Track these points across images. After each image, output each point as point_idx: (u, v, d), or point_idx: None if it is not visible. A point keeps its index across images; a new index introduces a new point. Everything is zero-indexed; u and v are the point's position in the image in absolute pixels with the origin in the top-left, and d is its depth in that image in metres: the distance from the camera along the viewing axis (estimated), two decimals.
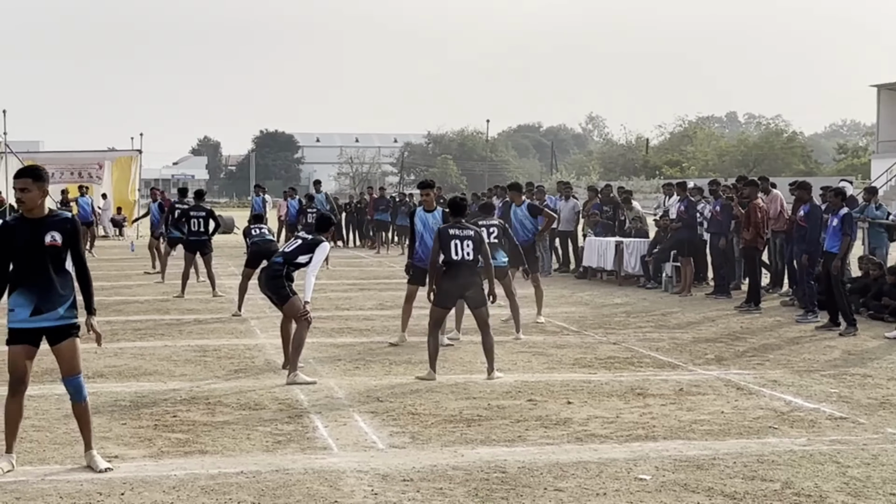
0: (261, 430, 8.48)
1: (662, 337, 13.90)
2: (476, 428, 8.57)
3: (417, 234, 13.07)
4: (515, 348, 12.76)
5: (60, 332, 7.14)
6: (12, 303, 7.11)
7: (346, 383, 10.53)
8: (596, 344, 13.28)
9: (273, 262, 11.00)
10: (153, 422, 8.75)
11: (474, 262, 10.80)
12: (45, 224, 7.11)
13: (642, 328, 14.83)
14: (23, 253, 7.07)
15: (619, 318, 15.92)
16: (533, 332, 14.38)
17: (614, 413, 9.16)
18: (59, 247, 7.09)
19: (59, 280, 7.10)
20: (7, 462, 7.17)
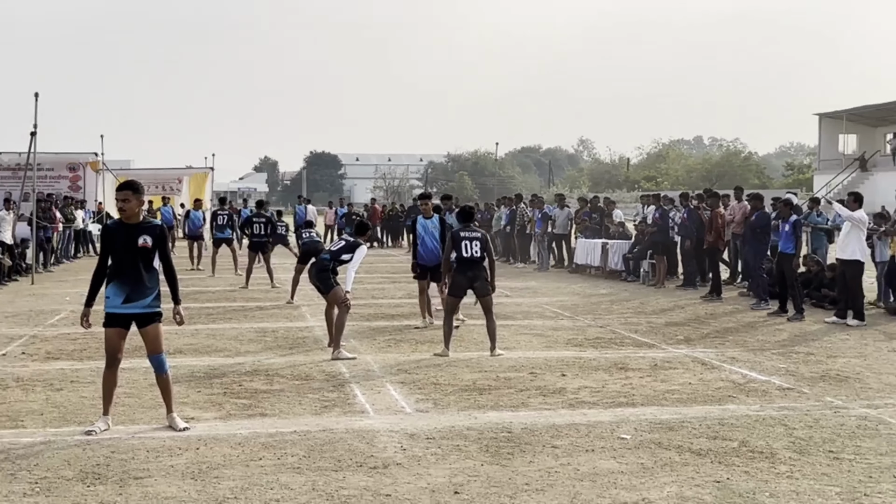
0: (310, 396, 8.50)
1: (640, 321, 13.87)
2: (487, 396, 8.58)
3: (419, 237, 13.16)
4: (521, 330, 12.75)
5: (147, 318, 7.19)
6: (109, 292, 7.18)
7: (380, 359, 10.55)
8: (586, 327, 13.26)
9: (321, 258, 11.01)
10: (223, 390, 8.78)
11: (481, 259, 10.82)
12: (139, 229, 7.18)
13: (624, 314, 14.79)
14: (120, 252, 7.15)
15: (605, 306, 15.89)
16: (533, 316, 14.37)
17: (601, 384, 9.15)
18: (149, 248, 7.16)
19: (147, 275, 7.17)
20: (104, 422, 7.22)
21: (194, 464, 6.36)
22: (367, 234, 11.40)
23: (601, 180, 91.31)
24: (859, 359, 10.70)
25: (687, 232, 18.86)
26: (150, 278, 7.19)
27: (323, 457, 6.55)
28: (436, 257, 12.95)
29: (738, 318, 14.45)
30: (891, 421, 7.69)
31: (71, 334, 12.27)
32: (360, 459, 6.49)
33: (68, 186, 36.14)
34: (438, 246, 12.93)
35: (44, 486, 5.89)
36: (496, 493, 5.78)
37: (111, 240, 7.18)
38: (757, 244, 16.01)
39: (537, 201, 26.22)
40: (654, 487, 5.91)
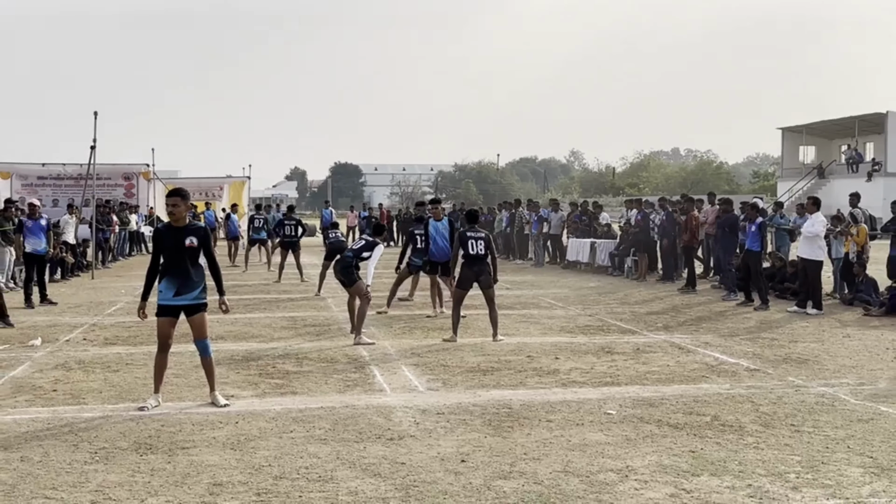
0: (335, 377, 8.51)
1: (624, 311, 13.83)
2: (489, 376, 8.57)
3: (431, 238, 13.18)
4: (519, 318, 12.73)
5: (194, 308, 7.23)
6: (161, 286, 7.22)
7: (396, 344, 10.55)
8: (576, 316, 13.24)
9: (345, 255, 10.97)
10: (258, 371, 8.80)
11: (485, 256, 10.82)
12: (186, 231, 7.21)
13: (610, 304, 14.76)
14: (169, 252, 7.18)
15: (593, 298, 15.85)
16: (531, 307, 14.35)
17: (589, 365, 9.13)
18: (195, 248, 7.20)
19: (194, 271, 7.22)
20: (155, 399, 7.24)
21: (234, 436, 6.37)
22: (383, 234, 11.43)
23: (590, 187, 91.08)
24: (817, 343, 10.66)
25: (665, 232, 18.84)
26: (196, 274, 7.23)
27: (346, 429, 6.55)
28: (445, 254, 13.02)
29: (711, 307, 14.41)
30: (845, 398, 7.66)
31: (126, 323, 12.31)
32: (378, 432, 6.49)
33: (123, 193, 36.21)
34: (448, 245, 12.99)
35: (102, 455, 5.91)
36: (498, 461, 5.78)
37: (162, 241, 7.23)
38: (727, 242, 15.98)
39: (533, 205, 26.18)
40: (637, 456, 5.90)
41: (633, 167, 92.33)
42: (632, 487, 5.27)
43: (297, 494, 5.14)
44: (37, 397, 7.60)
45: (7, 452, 5.95)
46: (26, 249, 14.00)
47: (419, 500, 5.05)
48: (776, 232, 18.21)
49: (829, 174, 49.87)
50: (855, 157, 47.62)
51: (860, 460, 5.86)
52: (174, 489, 5.23)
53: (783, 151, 55.88)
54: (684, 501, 5.04)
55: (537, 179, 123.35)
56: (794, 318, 13.07)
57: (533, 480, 5.39)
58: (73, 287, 17.86)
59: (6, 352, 9.92)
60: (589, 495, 5.13)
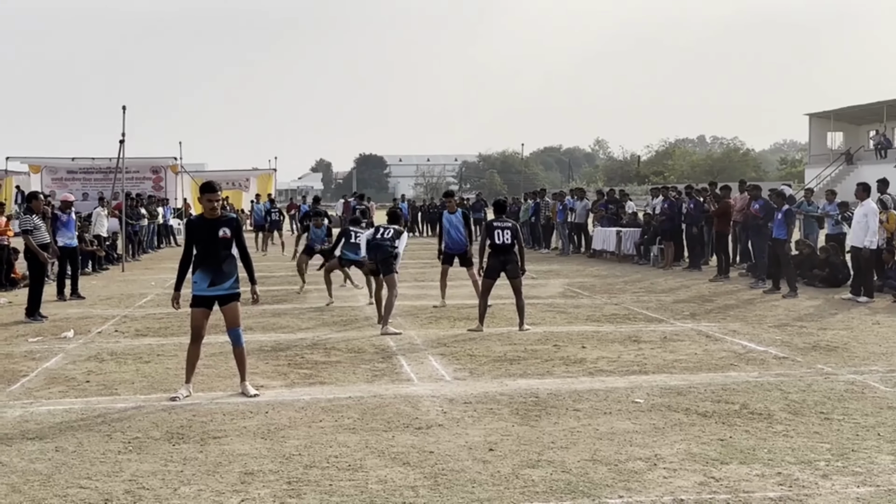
0: (363, 367, 8.55)
1: (651, 299, 13.76)
2: (516, 365, 8.57)
3: (445, 230, 13.24)
4: (546, 308, 12.72)
5: (228, 298, 7.30)
6: (196, 277, 7.29)
7: (423, 334, 10.57)
8: (602, 304, 13.19)
9: (386, 246, 10.96)
10: (287, 361, 8.86)
11: (511, 246, 10.81)
12: (219, 222, 7.28)
13: (636, 293, 14.69)
14: (203, 243, 7.25)
15: (619, 286, 15.79)
16: (557, 296, 14.31)
17: (616, 354, 9.10)
18: (228, 238, 7.27)
19: (227, 262, 7.29)
20: (186, 390, 7.31)
21: (264, 425, 6.43)
22: (400, 222, 11.51)
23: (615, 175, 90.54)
24: (847, 331, 10.54)
25: (692, 220, 18.69)
26: (229, 264, 7.32)
27: (374, 419, 6.59)
28: (460, 246, 13.12)
29: (738, 296, 14.29)
30: (875, 385, 7.58)
31: (157, 314, 12.45)
32: (406, 421, 6.52)
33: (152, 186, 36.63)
34: (462, 236, 13.07)
35: (135, 445, 5.99)
36: (526, 450, 5.78)
37: (195, 232, 7.29)
38: (761, 231, 15.76)
39: (559, 195, 26.08)
40: (665, 445, 5.88)
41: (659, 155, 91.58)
42: (660, 476, 5.25)
43: (327, 483, 5.18)
44: (70, 388, 7.71)
45: (42, 443, 6.05)
46: (59, 243, 14.17)
47: (448, 488, 5.07)
48: (805, 219, 17.99)
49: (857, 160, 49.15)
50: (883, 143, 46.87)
51: (891, 447, 5.80)
52: (206, 478, 5.29)
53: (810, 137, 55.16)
54: (713, 489, 5.02)
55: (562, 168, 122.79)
56: (823, 304, 12.93)
57: (561, 469, 5.39)
58: (103, 280, 18.08)
59: (39, 343, 10.07)
60: (617, 483, 5.12)
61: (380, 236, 11.09)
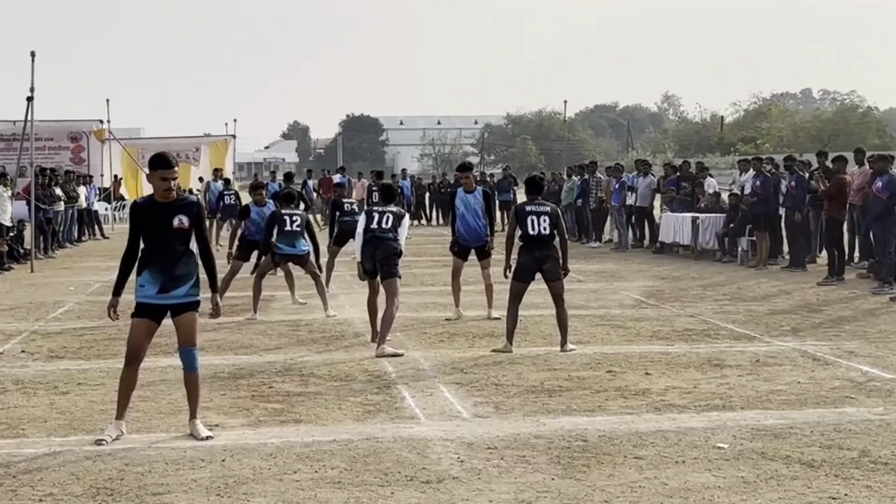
0: (351, 400, 8.57)
1: (738, 309, 13.73)
2: (557, 398, 8.57)
3: (458, 214, 13.31)
4: (596, 321, 12.71)
5: (183, 307, 7.35)
6: (143, 280, 7.32)
7: (431, 355, 10.58)
8: (673, 317, 13.17)
9: (388, 240, 10.95)
10: (250, 392, 8.88)
11: (550, 237, 10.80)
12: (174, 208, 7.31)
13: (718, 301, 14.66)
14: (153, 234, 7.28)
15: (696, 292, 15.75)
16: (612, 305, 14.31)
17: (692, 384, 9.09)
18: (186, 230, 7.30)
19: (185, 260, 7.32)
20: (116, 429, 7.34)
21: (220, 478, 6.45)
22: (395, 200, 11.59)
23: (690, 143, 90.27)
24: None
25: (795, 203, 18.60)
26: (187, 264, 7.33)
27: (367, 469, 6.60)
28: (478, 236, 13.17)
29: (857, 304, 14.24)
30: None
31: (77, 329, 12.51)
32: (410, 473, 6.53)
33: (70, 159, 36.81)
34: (481, 223, 13.13)
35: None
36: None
37: (143, 221, 7.30)
38: (887, 217, 15.62)
39: (614, 169, 26.08)
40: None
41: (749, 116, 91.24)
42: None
43: None
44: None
45: None
46: None
47: None
48: None
49: None
50: None
51: None
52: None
53: None
54: None
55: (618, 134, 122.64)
56: None
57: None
58: (6, 283, 18.19)
59: None
60: None
61: (376, 225, 11.04)
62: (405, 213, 11.45)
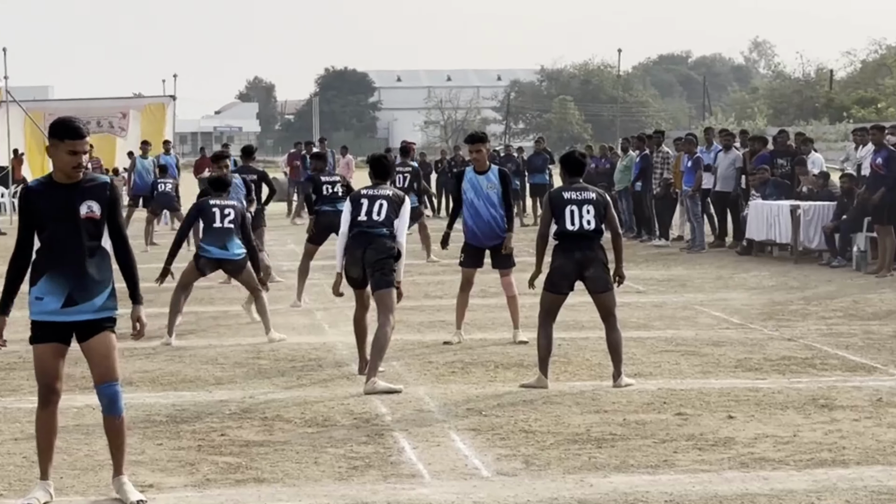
0: (331, 452, 8.57)
1: (854, 331, 13.72)
2: (608, 450, 8.56)
3: (467, 203, 13.20)
4: (661, 346, 12.70)
5: (95, 327, 7.24)
6: (39, 290, 7.19)
7: (439, 392, 10.59)
8: (765, 340, 13.16)
9: (381, 235, 10.88)
10: (196, 442, 8.89)
11: (597, 234, 10.78)
12: (80, 191, 7.20)
13: (827, 319, 14.64)
14: (53, 228, 7.17)
15: (796, 307, 15.73)
16: (682, 325, 14.28)
17: (790, 431, 9.07)
18: (97, 220, 7.21)
19: (96, 261, 7.24)
20: (44, 491, 7.27)
21: None
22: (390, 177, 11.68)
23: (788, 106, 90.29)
24: None
25: None
26: (100, 266, 7.26)
27: None
28: (494, 233, 13.09)
29: None
30: None
31: None
32: None
33: None
34: (496, 215, 13.08)
35: None
36: None
37: (38, 209, 7.24)
38: None
39: (686, 141, 26.05)
40: None
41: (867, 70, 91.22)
42: None
43: None
44: None
45: None
46: None
47: None
48: None
49: None
50: None
51: None
52: None
53: None
54: None
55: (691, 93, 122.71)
56: None
57: None
58: None
59: None
60: None
61: (365, 216, 11.00)
62: (405, 196, 11.37)
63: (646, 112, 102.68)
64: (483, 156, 13.30)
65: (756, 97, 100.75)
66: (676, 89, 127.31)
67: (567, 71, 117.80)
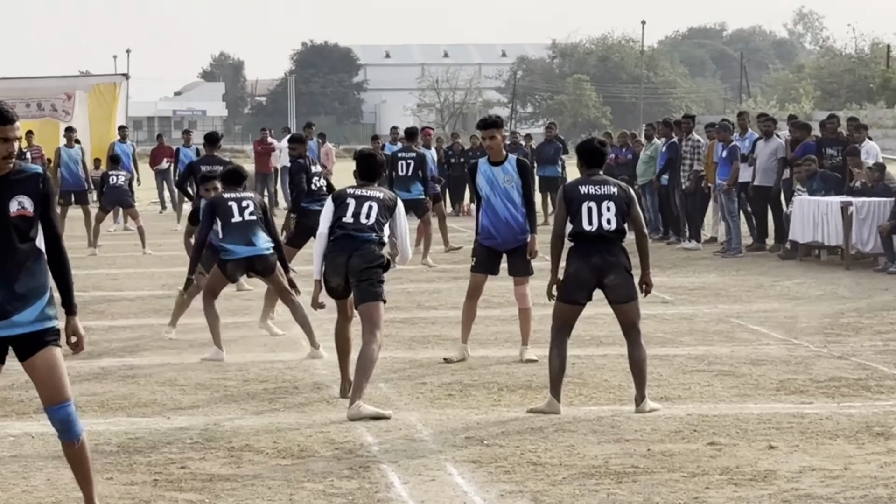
0: (309, 487, 8.58)
1: None
2: (630, 485, 8.57)
3: (483, 199, 13.25)
4: (692, 365, 12.71)
5: (34, 342, 7.22)
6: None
7: (433, 418, 10.61)
8: (811, 358, 13.18)
9: (367, 241, 10.91)
10: (152, 476, 8.88)
11: (618, 235, 10.80)
12: (9, 184, 7.20)
13: (883, 334, 14.67)
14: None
15: (848, 320, 15.75)
16: (715, 340, 14.30)
17: (841, 463, 9.08)
18: (29, 218, 7.21)
19: (29, 265, 7.23)
20: None
21: None
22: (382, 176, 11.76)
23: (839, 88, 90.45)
24: None
25: None
26: (34, 270, 7.24)
27: None
28: (513, 234, 13.14)
29: None
30: None
31: None
32: None
33: None
34: (514, 212, 13.12)
35: None
36: None
37: None
38: None
39: (721, 127, 26.06)
40: None
41: None
42: None
43: None
44: None
45: None
46: None
47: None
48: None
49: None
50: None
51: None
52: None
53: None
54: None
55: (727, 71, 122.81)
56: None
57: None
58: None
59: None
60: None
61: (351, 218, 11.02)
62: (397, 199, 11.40)
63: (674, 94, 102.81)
64: (498, 143, 13.30)
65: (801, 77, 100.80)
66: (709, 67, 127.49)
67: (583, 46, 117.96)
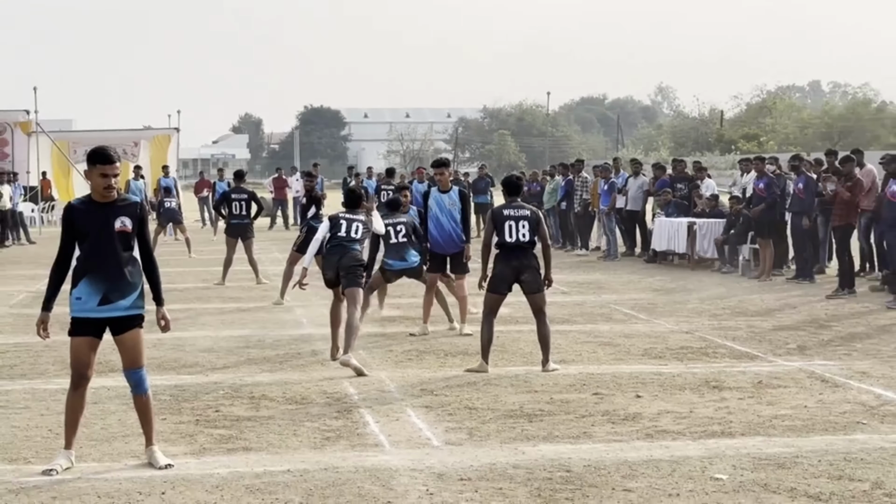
0: (308, 425, 8.54)
1: (739, 325, 13.79)
2: (538, 424, 8.57)
3: (431, 217, 13.37)
4: (582, 337, 12.73)
5: (127, 322, 7.32)
6: (80, 291, 7.25)
7: (398, 375, 10.57)
8: (667, 333, 13.21)
9: (353, 249, 11.14)
10: (194, 417, 8.84)
11: (531, 245, 10.87)
12: (115, 209, 7.28)
13: (717, 316, 14.72)
14: (92, 239, 7.22)
15: (692, 305, 15.81)
16: (599, 320, 14.34)
17: (687, 408, 9.12)
18: (129, 233, 7.27)
19: (128, 268, 7.29)
20: (66, 459, 7.29)
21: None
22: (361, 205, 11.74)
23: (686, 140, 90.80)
24: None
25: (802, 207, 18.71)
26: (131, 272, 7.32)
27: (325, 503, 6.58)
28: (454, 242, 13.26)
29: (870, 320, 14.33)
30: None
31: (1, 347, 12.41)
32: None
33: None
34: (456, 228, 13.25)
35: None
36: None
37: (80, 224, 7.25)
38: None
39: (603, 168, 26.13)
40: None
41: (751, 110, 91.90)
42: None
43: None
44: None
45: None
46: None
47: None
48: None
49: None
50: None
51: None
52: None
53: None
54: None
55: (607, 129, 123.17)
56: None
57: None
58: None
59: None
60: None
61: (344, 233, 11.19)
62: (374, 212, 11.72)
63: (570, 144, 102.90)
64: (446, 177, 13.54)
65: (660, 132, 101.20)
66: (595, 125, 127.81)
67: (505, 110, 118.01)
